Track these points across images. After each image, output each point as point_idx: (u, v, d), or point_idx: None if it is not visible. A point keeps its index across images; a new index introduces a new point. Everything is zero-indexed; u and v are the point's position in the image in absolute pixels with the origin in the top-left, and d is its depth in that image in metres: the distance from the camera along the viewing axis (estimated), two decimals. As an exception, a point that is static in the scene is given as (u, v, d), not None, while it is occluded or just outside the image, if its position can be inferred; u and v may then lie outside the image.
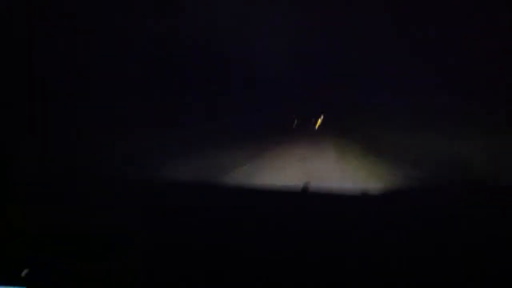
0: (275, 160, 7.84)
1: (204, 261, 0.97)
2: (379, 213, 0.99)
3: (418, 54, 12.29)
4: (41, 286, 0.81)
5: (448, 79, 10.42)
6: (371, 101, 17.45)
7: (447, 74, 10.58)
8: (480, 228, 0.91)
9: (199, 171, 7.02)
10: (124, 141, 8.71)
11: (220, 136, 13.40)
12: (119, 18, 9.00)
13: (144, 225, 1.42)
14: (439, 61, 11.29)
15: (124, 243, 1.13)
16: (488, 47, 9.05)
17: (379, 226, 0.88)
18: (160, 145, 9.70)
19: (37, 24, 6.83)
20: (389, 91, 15.07)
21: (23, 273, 0.80)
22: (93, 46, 8.34)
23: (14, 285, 0.80)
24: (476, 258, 0.82)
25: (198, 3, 13.15)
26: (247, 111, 19.27)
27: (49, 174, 5.71)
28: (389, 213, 1.00)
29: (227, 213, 1.28)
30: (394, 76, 14.70)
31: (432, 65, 11.53)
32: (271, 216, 0.98)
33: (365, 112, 17.72)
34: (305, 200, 1.23)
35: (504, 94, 8.08)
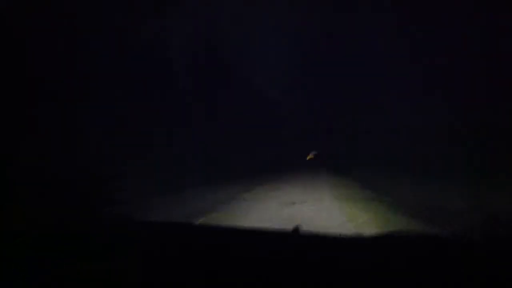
0: (267, 199, 7.03)
1: (203, 261, 0.97)
2: (374, 259, 0.96)
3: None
4: (41, 286, 0.80)
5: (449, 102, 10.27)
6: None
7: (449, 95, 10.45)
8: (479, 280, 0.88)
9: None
10: (124, 141, 8.71)
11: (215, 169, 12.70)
12: (119, 18, 9.00)
13: (143, 225, 1.42)
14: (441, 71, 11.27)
15: (124, 243, 1.13)
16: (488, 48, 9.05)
17: (373, 272, 0.86)
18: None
19: (37, 24, 6.83)
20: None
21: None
22: (93, 47, 8.34)
23: (14, 285, 0.80)
24: None
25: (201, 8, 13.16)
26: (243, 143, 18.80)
27: (49, 174, 5.71)
28: (384, 259, 0.97)
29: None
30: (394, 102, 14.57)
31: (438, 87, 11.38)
32: (261, 257, 0.96)
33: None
34: (296, 242, 1.19)
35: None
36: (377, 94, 16.62)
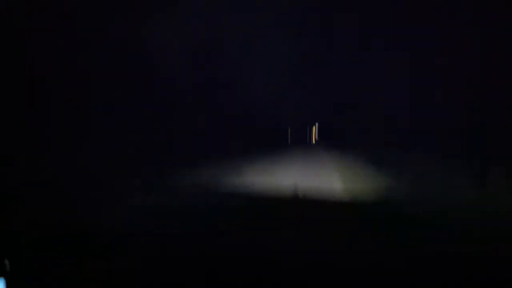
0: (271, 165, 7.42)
1: (202, 262, 0.97)
2: (369, 220, 0.98)
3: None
4: (41, 286, 0.81)
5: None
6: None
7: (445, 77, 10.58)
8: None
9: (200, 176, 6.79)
10: (124, 142, 8.71)
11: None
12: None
13: (143, 226, 1.42)
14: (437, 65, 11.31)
15: (124, 243, 1.13)
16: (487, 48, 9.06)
17: (368, 233, 0.87)
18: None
19: (37, 24, 6.83)
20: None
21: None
22: (93, 47, 8.34)
23: (14, 285, 0.80)
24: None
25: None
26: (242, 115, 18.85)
27: (49, 174, 5.71)
28: (378, 220, 0.98)
29: (222, 213, 1.27)
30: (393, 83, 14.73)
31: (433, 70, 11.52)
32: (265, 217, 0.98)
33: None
34: (296, 202, 1.22)
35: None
36: (377, 95, 16.63)
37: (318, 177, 6.99)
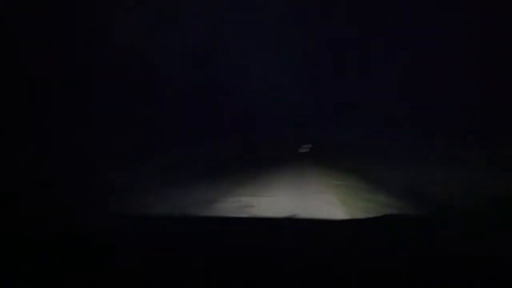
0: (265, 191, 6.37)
1: (202, 265, 0.97)
2: (368, 243, 0.99)
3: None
4: (41, 286, 0.80)
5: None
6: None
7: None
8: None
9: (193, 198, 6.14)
10: (124, 142, 8.71)
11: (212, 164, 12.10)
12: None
13: (142, 227, 1.42)
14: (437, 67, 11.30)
15: (124, 244, 1.13)
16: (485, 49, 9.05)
17: (366, 255, 0.88)
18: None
19: (37, 24, 6.82)
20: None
21: None
22: (93, 47, 8.33)
23: (14, 285, 0.80)
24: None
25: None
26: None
27: (49, 174, 5.70)
28: (377, 242, 1.00)
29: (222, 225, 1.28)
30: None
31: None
32: (261, 247, 0.99)
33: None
34: (292, 230, 1.24)
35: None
36: (378, 95, 16.62)
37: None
